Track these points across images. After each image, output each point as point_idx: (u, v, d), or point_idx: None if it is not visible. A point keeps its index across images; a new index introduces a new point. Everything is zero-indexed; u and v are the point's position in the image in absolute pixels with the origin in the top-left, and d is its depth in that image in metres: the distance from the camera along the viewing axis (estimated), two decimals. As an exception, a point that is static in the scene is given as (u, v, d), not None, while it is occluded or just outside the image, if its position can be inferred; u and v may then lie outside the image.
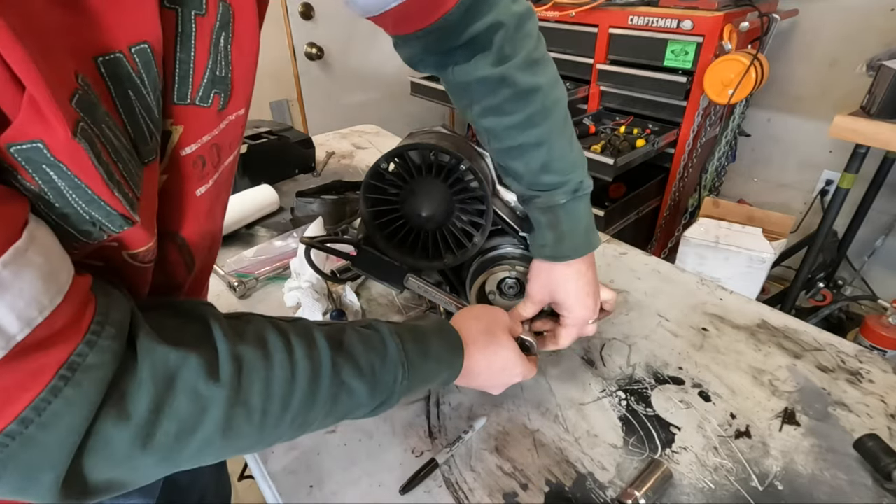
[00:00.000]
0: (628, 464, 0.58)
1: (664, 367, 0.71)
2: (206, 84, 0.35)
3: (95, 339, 0.29)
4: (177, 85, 0.33)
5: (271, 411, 0.36)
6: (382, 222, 0.66)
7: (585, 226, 0.60)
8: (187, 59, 0.33)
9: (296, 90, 2.27)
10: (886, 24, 1.76)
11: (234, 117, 0.39)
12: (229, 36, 0.35)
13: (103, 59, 0.28)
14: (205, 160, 0.38)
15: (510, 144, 0.57)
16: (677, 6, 1.72)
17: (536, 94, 0.55)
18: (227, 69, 0.36)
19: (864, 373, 0.69)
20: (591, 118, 1.99)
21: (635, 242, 1.05)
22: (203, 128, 0.37)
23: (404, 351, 0.45)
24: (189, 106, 0.35)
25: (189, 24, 0.32)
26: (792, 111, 2.07)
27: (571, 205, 0.58)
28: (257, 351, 0.36)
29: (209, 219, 0.43)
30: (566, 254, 0.60)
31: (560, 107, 0.58)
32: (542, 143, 0.56)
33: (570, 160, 0.58)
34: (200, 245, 0.43)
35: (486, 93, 0.56)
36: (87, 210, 0.28)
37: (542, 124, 0.56)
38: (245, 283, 0.86)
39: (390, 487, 0.56)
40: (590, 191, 0.60)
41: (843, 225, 1.89)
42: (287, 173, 1.30)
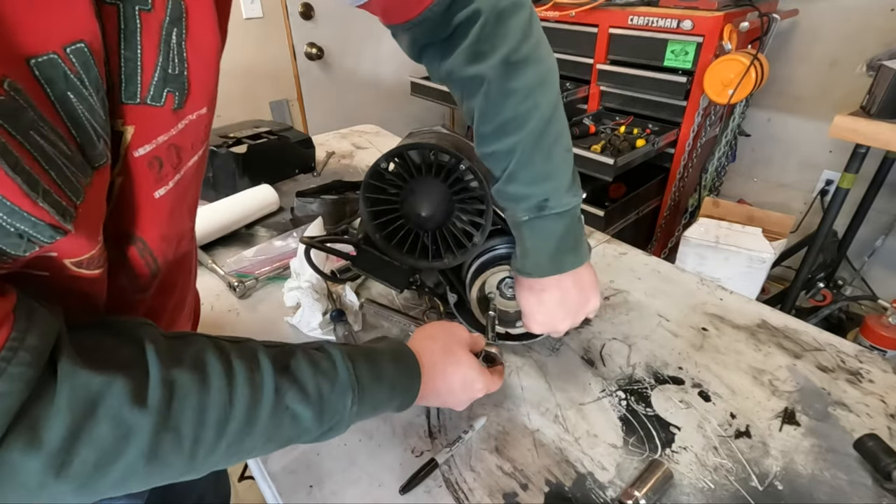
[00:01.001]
0: (628, 464, 0.58)
1: (664, 367, 0.71)
2: (157, 82, 0.34)
3: (5, 365, 0.27)
4: (124, 83, 0.32)
5: (204, 438, 0.35)
6: (382, 222, 0.66)
7: (554, 247, 0.57)
8: (133, 56, 0.32)
9: (296, 90, 2.27)
10: (886, 24, 1.76)
11: (194, 117, 0.38)
12: (182, 32, 0.34)
13: (36, 61, 0.26)
14: (162, 161, 0.37)
15: (487, 150, 0.56)
16: (677, 6, 1.72)
17: (510, 100, 0.52)
18: (181, 66, 0.35)
19: (864, 373, 0.69)
20: (591, 118, 1.99)
21: (635, 242, 1.05)
22: (157, 128, 0.35)
23: (356, 375, 0.44)
24: (140, 105, 0.33)
25: (133, 20, 0.31)
26: (792, 111, 2.07)
27: (536, 223, 0.56)
28: (193, 375, 0.35)
29: (172, 221, 0.41)
30: (528, 271, 0.59)
31: (538, 115, 0.53)
32: (513, 151, 0.54)
33: (539, 173, 0.54)
34: (164, 248, 0.42)
35: (468, 93, 0.55)
36: (10, 221, 0.27)
37: (515, 133, 0.53)
38: (245, 283, 0.86)
39: (390, 487, 0.56)
40: (564, 210, 0.55)
41: (843, 225, 1.89)
42: (287, 173, 1.30)
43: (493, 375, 0.57)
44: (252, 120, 1.36)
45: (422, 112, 2.72)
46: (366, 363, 0.46)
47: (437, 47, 0.54)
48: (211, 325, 0.79)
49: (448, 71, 0.54)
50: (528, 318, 0.63)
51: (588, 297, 0.61)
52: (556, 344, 0.75)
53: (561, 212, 0.55)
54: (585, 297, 0.60)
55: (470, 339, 0.57)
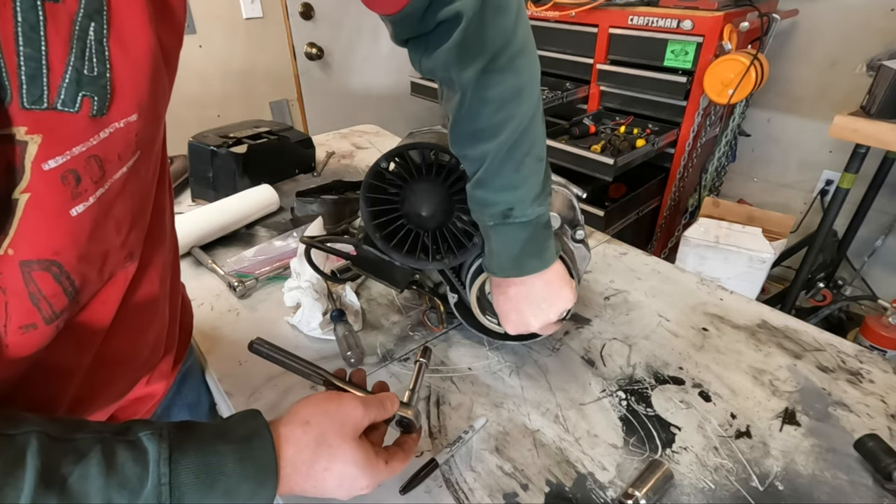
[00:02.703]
0: (628, 464, 0.58)
1: (664, 367, 0.71)
2: (69, 84, 0.30)
3: None
4: (25, 86, 0.28)
5: None
6: (382, 222, 0.66)
7: (517, 251, 0.57)
8: (36, 54, 0.28)
9: (296, 90, 2.27)
10: (886, 24, 1.76)
11: (121, 124, 0.33)
12: (103, 27, 0.30)
13: None
14: (79, 175, 0.32)
15: (460, 153, 0.57)
16: (677, 6, 1.72)
17: (484, 109, 0.51)
18: (101, 67, 0.31)
19: (864, 373, 0.69)
20: (591, 118, 1.99)
21: (635, 242, 1.05)
22: (71, 137, 0.31)
23: (171, 487, 0.33)
24: (47, 111, 0.29)
25: (33, 11, 0.27)
26: (792, 111, 2.07)
27: (500, 228, 0.57)
28: None
29: (95, 240, 0.36)
30: (493, 269, 0.61)
31: (511, 126, 0.52)
32: (484, 158, 0.54)
33: (506, 183, 0.54)
34: (84, 269, 0.37)
35: (446, 92, 0.55)
36: None
37: (488, 141, 0.52)
38: (245, 283, 0.86)
39: (390, 487, 0.55)
40: (528, 220, 0.55)
41: (843, 225, 1.89)
42: (287, 173, 1.30)
43: (392, 462, 0.46)
44: (252, 120, 1.36)
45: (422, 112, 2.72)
46: (196, 465, 0.35)
47: (419, 42, 0.52)
48: (211, 325, 0.79)
49: (430, 69, 0.53)
50: (501, 317, 0.64)
51: (557, 294, 0.61)
52: (556, 344, 0.75)
53: (525, 221, 0.56)
54: (553, 294, 0.60)
55: (363, 415, 0.45)
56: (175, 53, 0.38)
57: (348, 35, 2.31)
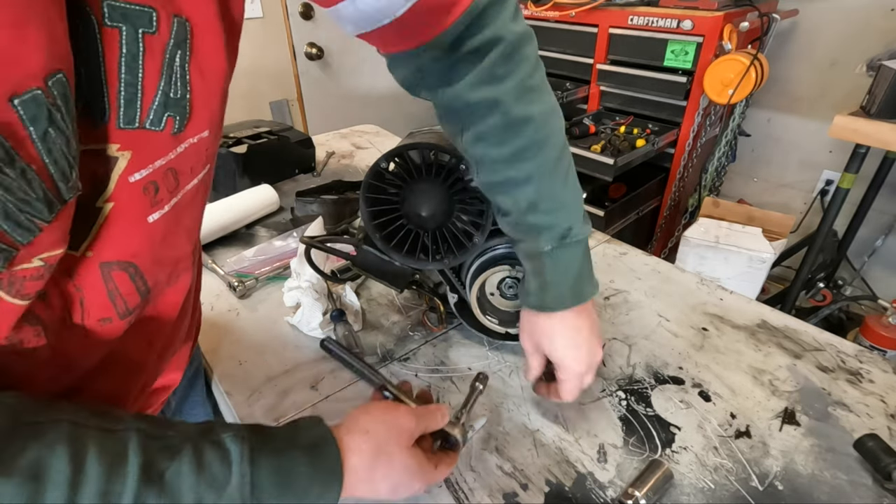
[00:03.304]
0: (628, 464, 0.58)
1: (664, 367, 0.71)
2: (158, 107, 0.32)
3: None
4: (122, 109, 0.31)
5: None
6: (382, 222, 0.66)
7: (575, 276, 0.55)
8: (134, 81, 0.30)
9: (296, 90, 2.27)
10: (886, 24, 1.76)
11: (195, 140, 0.36)
12: (186, 54, 0.33)
13: (20, 99, 0.25)
14: (158, 186, 0.35)
15: (498, 178, 0.54)
16: (677, 6, 1.72)
17: (528, 126, 0.51)
18: (183, 90, 0.34)
19: (864, 373, 0.69)
20: (591, 118, 1.99)
21: (635, 242, 1.05)
22: (155, 153, 0.34)
23: (252, 486, 0.36)
24: (138, 130, 0.32)
25: (135, 43, 0.30)
26: (792, 111, 2.08)
27: (558, 252, 0.54)
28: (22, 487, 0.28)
29: (165, 245, 0.40)
30: (549, 305, 0.56)
31: (553, 142, 0.53)
32: (531, 179, 0.52)
33: (560, 201, 0.54)
34: (156, 272, 0.41)
35: (476, 118, 0.52)
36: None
37: (533, 159, 0.52)
38: (245, 283, 0.86)
39: (390, 487, 0.55)
40: (583, 238, 0.55)
41: (843, 225, 1.89)
42: (287, 173, 1.30)
43: (439, 467, 0.49)
44: (252, 120, 1.36)
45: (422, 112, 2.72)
46: (272, 467, 0.37)
47: (441, 72, 0.51)
48: (211, 325, 0.79)
49: (455, 95, 0.51)
50: (567, 358, 0.56)
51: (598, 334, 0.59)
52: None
53: (581, 239, 0.55)
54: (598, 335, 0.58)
55: (415, 426, 0.48)
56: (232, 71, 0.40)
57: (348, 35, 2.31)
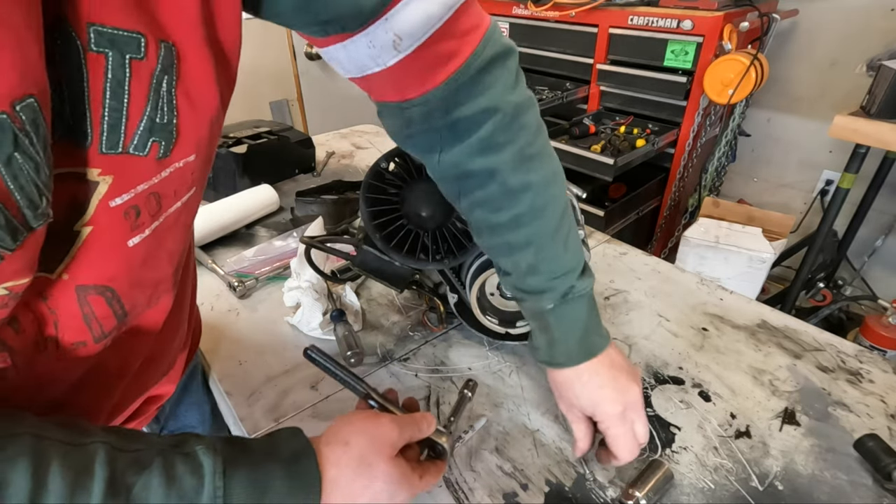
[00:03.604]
0: (628, 464, 0.58)
1: (664, 367, 0.71)
2: (143, 132, 0.32)
3: None
4: (106, 134, 0.30)
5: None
6: (382, 222, 0.66)
7: (582, 330, 0.54)
8: (119, 106, 0.30)
9: (296, 90, 2.27)
10: (886, 24, 1.76)
11: (180, 164, 0.36)
12: (173, 80, 0.32)
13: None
14: (139, 210, 0.35)
15: (498, 242, 0.54)
16: (677, 6, 1.72)
17: (526, 193, 0.50)
18: (170, 115, 0.33)
19: (864, 373, 0.69)
20: (591, 118, 1.99)
21: (635, 242, 1.05)
22: (137, 177, 0.33)
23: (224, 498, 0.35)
24: (121, 155, 0.31)
25: (122, 69, 0.29)
26: (792, 111, 2.08)
27: (561, 309, 0.54)
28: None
29: (145, 269, 0.39)
30: (560, 361, 0.55)
31: (554, 206, 0.52)
32: (530, 244, 0.52)
33: (561, 263, 0.53)
34: (135, 295, 0.40)
35: (473, 186, 0.51)
36: None
37: (531, 224, 0.52)
38: (245, 283, 0.86)
39: (390, 487, 0.55)
40: (586, 292, 0.54)
41: (843, 225, 1.89)
42: (287, 173, 1.30)
43: (425, 477, 0.48)
44: (252, 120, 1.36)
45: (422, 112, 2.72)
46: (246, 480, 0.37)
47: (433, 136, 0.50)
48: (211, 325, 0.79)
49: (453, 163, 0.50)
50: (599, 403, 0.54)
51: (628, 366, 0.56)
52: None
53: (584, 294, 0.54)
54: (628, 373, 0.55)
55: (398, 436, 0.46)
56: (229, 97, 0.40)
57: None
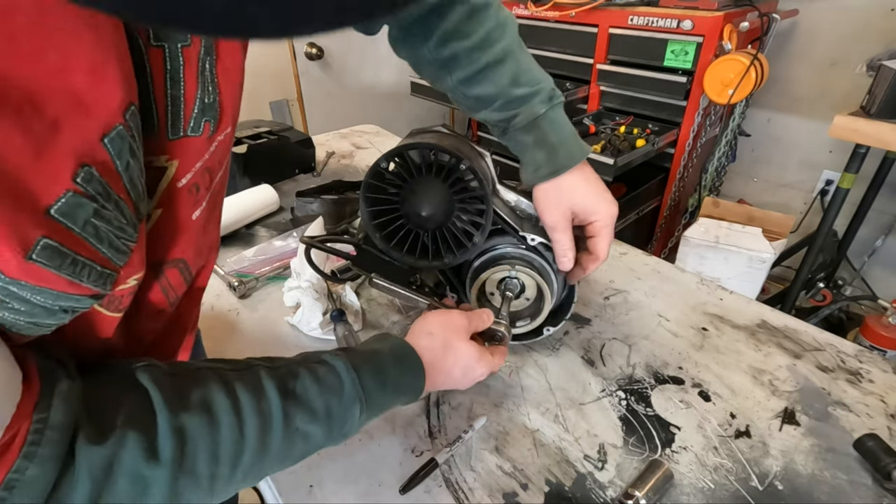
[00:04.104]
0: (628, 464, 0.58)
1: (664, 366, 0.71)
2: (197, 114, 0.34)
3: (35, 449, 0.27)
4: (170, 122, 0.33)
5: (221, 474, 0.36)
6: (382, 222, 0.66)
7: (572, 132, 0.59)
8: (178, 94, 0.32)
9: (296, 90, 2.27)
10: (886, 24, 1.76)
11: (222, 137, 0.39)
12: (214, 59, 0.35)
13: (109, 137, 0.27)
14: (199, 186, 0.38)
15: (476, 67, 0.57)
16: (677, 6, 1.72)
17: (489, 10, 0.56)
18: (214, 94, 0.35)
19: (864, 373, 0.69)
20: (591, 118, 1.99)
21: (635, 242, 1.05)
22: (196, 156, 0.36)
23: (362, 387, 0.44)
24: (182, 139, 0.34)
25: (177, 58, 0.31)
26: (792, 111, 2.07)
27: (552, 113, 0.58)
28: (202, 416, 0.35)
29: (204, 235, 0.43)
30: (564, 163, 0.59)
31: (512, 22, 0.58)
32: (506, 57, 0.57)
33: (536, 73, 0.58)
34: (198, 262, 0.44)
35: (440, 16, 0.56)
36: (56, 302, 0.28)
37: (502, 39, 0.56)
38: (245, 282, 0.86)
39: (390, 487, 0.56)
40: (563, 100, 0.60)
41: (843, 225, 1.89)
42: (287, 173, 1.30)
43: (495, 356, 0.58)
44: (252, 120, 1.36)
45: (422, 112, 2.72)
46: (370, 371, 0.46)
47: None
48: (211, 325, 0.79)
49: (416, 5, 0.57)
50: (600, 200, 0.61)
51: None
52: (555, 344, 0.75)
53: (563, 100, 0.60)
54: None
55: (468, 325, 0.57)
56: None
57: (348, 35, 2.31)
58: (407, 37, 0.60)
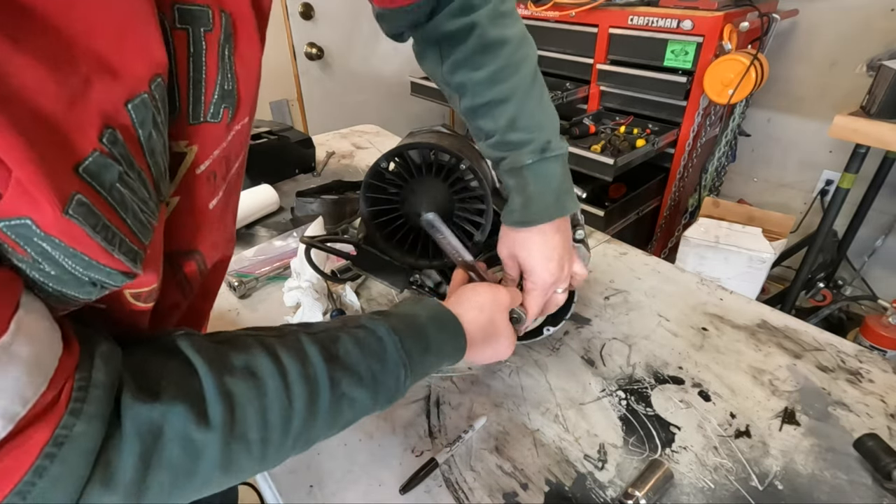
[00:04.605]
0: (628, 463, 0.58)
1: (664, 366, 0.71)
2: (217, 100, 0.35)
3: (80, 405, 0.27)
4: (191, 106, 0.33)
5: (271, 440, 0.36)
6: (382, 222, 0.66)
7: (556, 189, 0.58)
8: (200, 78, 0.33)
9: (296, 90, 2.27)
10: (886, 24, 1.76)
11: (239, 126, 0.39)
12: (232, 47, 0.35)
13: (132, 103, 0.27)
14: (216, 174, 0.38)
15: (479, 101, 0.57)
16: (677, 6, 1.72)
17: (504, 48, 0.55)
18: (232, 81, 0.36)
19: (863, 373, 0.69)
20: (591, 118, 1.99)
21: (635, 242, 1.05)
22: (214, 143, 0.37)
23: (404, 350, 0.44)
24: (201, 124, 0.34)
25: (200, 42, 0.32)
26: (792, 111, 2.07)
27: (539, 166, 0.57)
28: (247, 382, 0.35)
29: (221, 226, 0.43)
30: (533, 218, 0.57)
31: (528, 64, 0.57)
32: (509, 98, 0.56)
33: (537, 119, 0.57)
34: (213, 254, 0.44)
35: (454, 44, 0.56)
36: (86, 273, 0.27)
37: (510, 80, 0.56)
38: (245, 282, 0.86)
39: (390, 487, 0.56)
40: (562, 153, 0.58)
41: (843, 225, 1.89)
42: (287, 173, 1.30)
43: (516, 332, 0.59)
44: (252, 120, 1.36)
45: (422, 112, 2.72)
46: (411, 335, 0.46)
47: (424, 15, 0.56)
48: (211, 325, 0.79)
49: (433, 26, 0.55)
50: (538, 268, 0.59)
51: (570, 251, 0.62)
52: (555, 344, 0.75)
53: (559, 154, 0.58)
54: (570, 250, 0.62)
55: (511, 303, 0.57)
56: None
57: (348, 35, 2.31)
58: (425, 54, 0.60)
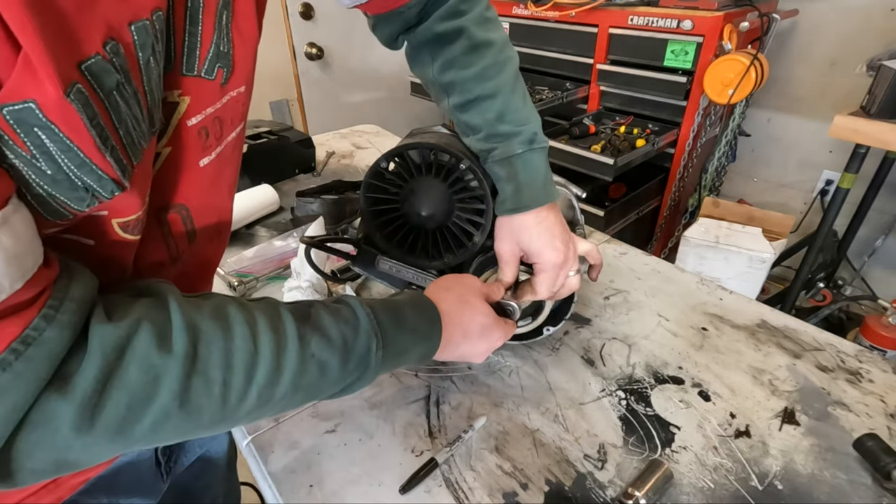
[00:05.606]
0: (628, 463, 0.58)
1: (664, 366, 0.71)
2: (212, 57, 0.37)
3: (53, 313, 0.29)
4: (186, 56, 0.35)
5: (233, 384, 0.35)
6: (382, 222, 0.66)
7: (543, 178, 0.61)
8: (196, 31, 0.35)
9: (296, 90, 2.27)
10: (886, 24, 1.76)
11: (234, 94, 0.41)
12: (230, 15, 0.38)
13: (136, 25, 0.29)
14: (208, 132, 0.40)
15: (468, 98, 0.60)
16: (677, 6, 1.72)
17: (490, 49, 0.59)
18: (228, 45, 0.38)
19: (863, 373, 0.69)
20: (591, 118, 1.99)
21: (635, 242, 1.05)
22: (207, 100, 0.39)
23: (377, 321, 0.45)
24: (195, 77, 0.37)
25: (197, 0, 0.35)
26: (792, 111, 2.07)
27: (528, 156, 0.60)
28: (215, 322, 0.35)
29: (213, 191, 0.45)
30: (525, 203, 0.60)
31: (511, 65, 0.61)
32: (496, 94, 0.59)
33: (523, 114, 0.61)
34: (204, 217, 0.45)
35: (444, 45, 0.60)
36: (79, 174, 0.29)
37: (496, 77, 0.59)
38: (245, 283, 0.86)
39: (390, 487, 0.56)
40: (546, 146, 0.62)
41: (843, 225, 1.89)
42: (287, 173, 1.30)
43: (508, 325, 0.59)
44: (252, 120, 1.36)
45: (422, 112, 2.72)
46: (385, 310, 0.47)
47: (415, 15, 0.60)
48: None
49: (425, 28, 0.60)
50: (547, 249, 0.60)
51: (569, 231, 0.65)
52: (555, 343, 0.75)
53: (544, 146, 0.62)
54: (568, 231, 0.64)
55: (482, 286, 0.58)
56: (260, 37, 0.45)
57: (348, 35, 2.31)
58: (417, 56, 0.64)
